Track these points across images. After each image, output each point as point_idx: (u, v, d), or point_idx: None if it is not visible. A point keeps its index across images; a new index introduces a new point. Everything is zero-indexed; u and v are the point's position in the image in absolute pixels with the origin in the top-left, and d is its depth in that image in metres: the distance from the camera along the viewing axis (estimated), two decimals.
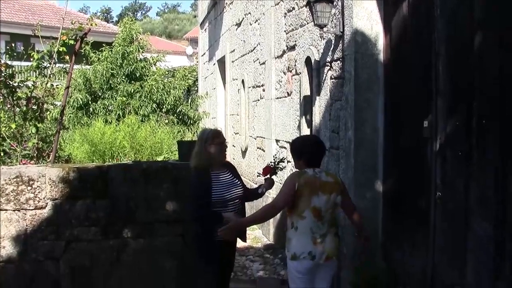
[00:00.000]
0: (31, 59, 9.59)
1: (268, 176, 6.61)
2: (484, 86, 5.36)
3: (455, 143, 5.81)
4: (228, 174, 6.41)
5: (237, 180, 6.46)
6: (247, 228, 7.02)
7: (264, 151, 12.20)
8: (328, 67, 8.28)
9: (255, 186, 12.59)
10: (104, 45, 17.72)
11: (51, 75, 9.71)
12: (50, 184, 7.07)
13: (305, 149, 5.94)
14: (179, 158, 7.92)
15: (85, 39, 9.66)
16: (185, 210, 7.07)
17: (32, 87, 9.27)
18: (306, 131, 9.27)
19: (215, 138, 6.27)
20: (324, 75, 8.44)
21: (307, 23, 9.19)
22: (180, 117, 17.29)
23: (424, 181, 6.30)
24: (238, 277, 9.22)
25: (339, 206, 5.79)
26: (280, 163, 6.62)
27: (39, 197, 7.06)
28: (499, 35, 5.18)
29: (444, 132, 5.96)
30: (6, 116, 9.79)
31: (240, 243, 9.98)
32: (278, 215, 10.65)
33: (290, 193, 5.63)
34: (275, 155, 9.43)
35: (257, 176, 12.84)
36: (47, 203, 7.08)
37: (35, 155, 9.67)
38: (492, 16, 5.30)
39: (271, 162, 6.83)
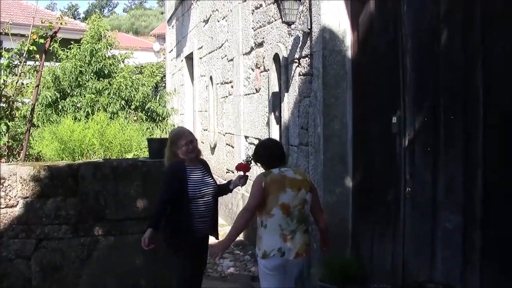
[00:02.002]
0: (1, 57, 9.49)
1: (242, 173, 6.58)
2: (450, 81, 5.40)
3: (423, 138, 5.84)
4: (202, 170, 6.40)
5: (210, 179, 6.45)
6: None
7: (233, 147, 12.17)
8: (296, 64, 8.27)
9: (223, 182, 12.57)
10: (72, 42, 17.48)
11: (22, 74, 9.61)
12: (21, 183, 7.00)
13: (264, 155, 6.02)
14: (149, 156, 7.86)
15: (55, 37, 9.58)
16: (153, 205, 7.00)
17: (3, 86, 9.17)
18: (275, 127, 9.26)
19: (178, 141, 6.27)
20: (293, 72, 8.44)
21: (275, 20, 9.17)
22: (149, 114, 17.15)
23: (393, 176, 6.34)
24: (208, 274, 9.16)
25: (308, 203, 5.74)
26: (251, 159, 6.59)
27: (10, 196, 6.98)
28: (464, 30, 5.22)
29: (413, 127, 5.99)
30: None
31: (210, 241, 9.97)
32: None
33: (259, 192, 5.63)
34: (247, 152, 9.41)
35: (226, 172, 12.81)
36: (18, 202, 7.00)
37: (5, 153, 9.56)
38: (457, 12, 5.33)
39: (244, 159, 6.83)
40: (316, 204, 5.89)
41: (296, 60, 8.28)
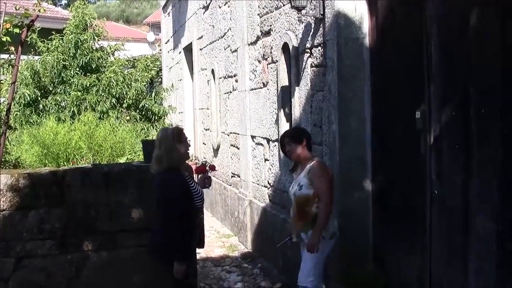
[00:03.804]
0: None
1: (203, 174, 6.84)
2: (483, 71, 5.41)
3: (451, 134, 5.87)
4: (190, 177, 6.44)
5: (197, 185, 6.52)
6: (222, 236, 7.07)
7: (238, 148, 12.22)
8: (308, 54, 8.32)
9: (229, 187, 12.67)
10: (53, 32, 17.49)
11: None
12: None
13: (304, 134, 7.00)
14: (144, 159, 7.91)
15: (32, 26, 9.60)
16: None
17: None
18: (285, 125, 9.30)
19: (181, 135, 6.30)
20: (304, 63, 8.48)
21: (283, 5, 9.22)
22: (143, 112, 17.20)
23: (418, 177, 6.36)
24: None
25: None
26: (207, 164, 7.10)
27: None
28: (500, 12, 5.23)
29: (439, 123, 6.02)
30: None
31: (215, 253, 10.06)
32: (256, 220, 10.73)
33: (331, 183, 6.74)
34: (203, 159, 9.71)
35: (232, 176, 12.87)
36: None
37: None
38: None
39: (202, 162, 7.14)
40: None
41: (308, 50, 8.33)
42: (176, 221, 5.99)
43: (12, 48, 9.62)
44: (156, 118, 17.51)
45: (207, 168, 6.88)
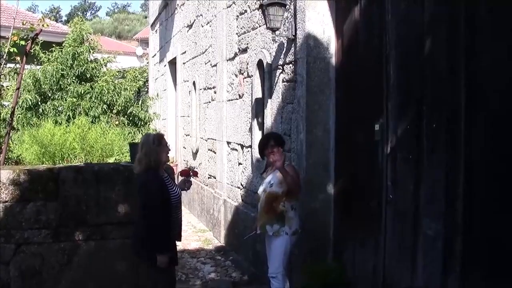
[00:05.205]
0: None
1: (185, 177, 6.87)
2: (433, 89, 5.44)
3: (405, 145, 5.89)
4: (168, 177, 6.44)
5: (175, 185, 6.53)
6: (198, 231, 7.07)
7: (215, 153, 12.19)
8: (280, 70, 8.32)
9: (206, 187, 12.61)
10: (54, 45, 17.33)
11: (2, 76, 9.57)
12: (0, 187, 6.97)
13: (284, 141, 7.09)
14: (131, 160, 7.87)
15: (36, 39, 9.55)
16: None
17: None
18: (257, 133, 9.29)
19: (161, 140, 6.32)
20: (276, 78, 8.48)
21: (259, 26, 9.21)
22: (131, 118, 17.07)
23: (375, 183, 6.38)
24: (189, 279, 9.20)
25: None
26: (193, 169, 7.20)
27: None
28: (448, 39, 5.27)
29: (395, 134, 6.04)
30: None
31: (192, 246, 9.99)
32: (230, 218, 10.71)
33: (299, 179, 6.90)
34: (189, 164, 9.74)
35: (208, 177, 12.83)
36: None
37: None
38: (441, 22, 5.38)
39: (187, 166, 7.20)
40: None
41: (280, 67, 8.32)
42: (156, 220, 6.00)
43: (18, 58, 9.59)
44: (142, 123, 17.40)
45: (190, 173, 6.91)
